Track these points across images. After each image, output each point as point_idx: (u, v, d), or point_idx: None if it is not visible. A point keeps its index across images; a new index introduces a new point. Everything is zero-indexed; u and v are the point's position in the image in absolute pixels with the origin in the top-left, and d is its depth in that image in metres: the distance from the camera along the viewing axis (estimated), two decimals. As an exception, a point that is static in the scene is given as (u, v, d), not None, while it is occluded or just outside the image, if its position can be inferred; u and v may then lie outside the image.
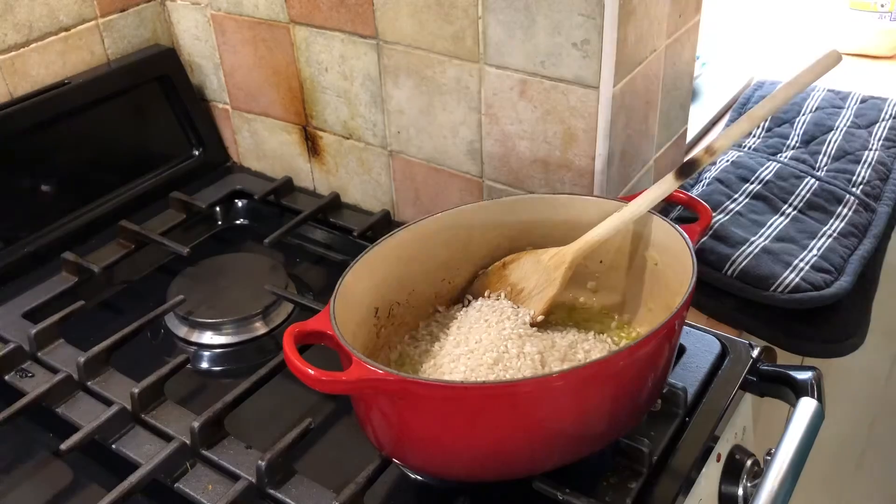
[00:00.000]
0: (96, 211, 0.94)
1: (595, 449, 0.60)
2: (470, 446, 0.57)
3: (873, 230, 0.90)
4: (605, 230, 0.67)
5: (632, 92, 0.77)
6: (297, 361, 0.53)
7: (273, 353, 0.75)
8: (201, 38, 1.01)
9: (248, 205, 1.01)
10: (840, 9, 1.29)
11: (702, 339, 0.74)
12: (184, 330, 0.82)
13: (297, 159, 1.02)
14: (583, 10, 0.70)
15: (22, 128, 0.89)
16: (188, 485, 0.64)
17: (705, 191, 0.93)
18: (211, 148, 1.06)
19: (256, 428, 0.70)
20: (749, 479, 0.70)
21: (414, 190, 0.92)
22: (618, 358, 0.56)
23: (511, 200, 0.73)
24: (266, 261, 0.90)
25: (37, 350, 0.76)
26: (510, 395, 0.54)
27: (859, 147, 1.01)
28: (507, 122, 0.80)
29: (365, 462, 0.62)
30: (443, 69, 0.82)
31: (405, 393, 0.54)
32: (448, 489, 0.63)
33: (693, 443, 0.65)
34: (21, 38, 0.90)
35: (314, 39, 0.90)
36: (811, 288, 0.80)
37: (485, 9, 0.75)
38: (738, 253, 0.83)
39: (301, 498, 0.61)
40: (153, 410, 0.69)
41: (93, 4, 0.96)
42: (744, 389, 0.72)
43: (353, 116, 0.92)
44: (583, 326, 0.71)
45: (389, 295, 0.69)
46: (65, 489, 0.67)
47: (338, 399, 0.72)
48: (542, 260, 0.69)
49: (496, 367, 0.61)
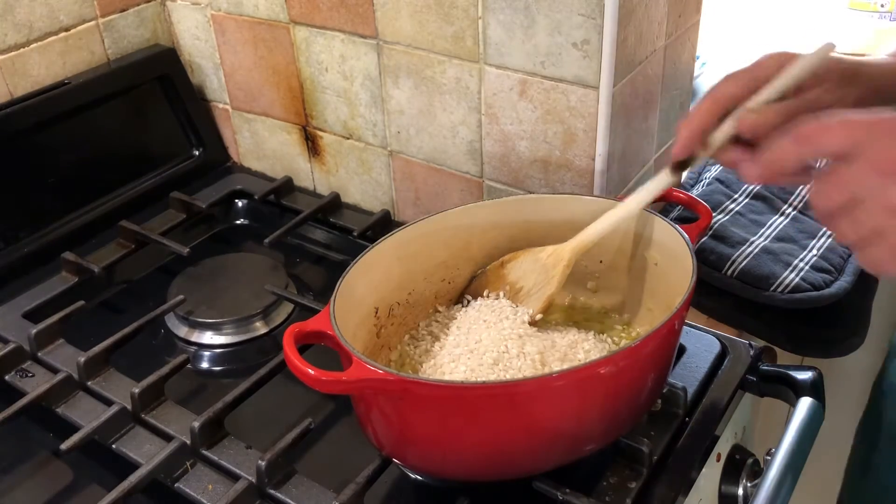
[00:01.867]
0: (96, 211, 0.94)
1: (595, 449, 0.60)
2: (470, 446, 0.57)
3: (873, 230, 0.90)
4: (603, 227, 0.67)
5: (632, 92, 0.77)
6: (297, 361, 0.53)
7: (273, 353, 0.75)
8: (201, 38, 1.01)
9: (248, 205, 1.01)
10: (839, 9, 1.29)
11: (702, 339, 0.74)
12: (184, 330, 0.82)
13: (297, 159, 1.02)
14: (583, 10, 0.70)
15: (22, 128, 0.89)
16: (188, 485, 0.64)
17: (705, 191, 0.93)
18: (211, 148, 1.06)
19: (256, 428, 0.70)
20: (749, 479, 0.70)
21: (414, 190, 0.92)
22: (618, 358, 0.56)
23: (511, 200, 0.73)
24: (266, 261, 0.90)
25: (37, 350, 0.76)
26: (510, 395, 0.54)
27: (859, 147, 1.00)
28: (507, 122, 0.80)
29: (365, 462, 0.62)
30: (443, 69, 0.82)
31: (405, 393, 0.54)
32: (448, 489, 0.63)
33: (693, 443, 0.65)
34: (21, 37, 0.90)
35: (314, 39, 0.90)
36: (811, 288, 0.80)
37: (485, 9, 0.75)
38: (738, 253, 0.83)
39: (301, 498, 0.61)
40: (153, 410, 0.69)
41: (93, 4, 0.96)
42: (744, 389, 0.72)
43: (353, 116, 0.92)
44: (583, 326, 0.71)
45: (389, 295, 0.69)
46: (65, 489, 0.67)
47: (338, 399, 0.72)
48: (540, 258, 0.69)
49: (496, 367, 0.61)
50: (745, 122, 0.56)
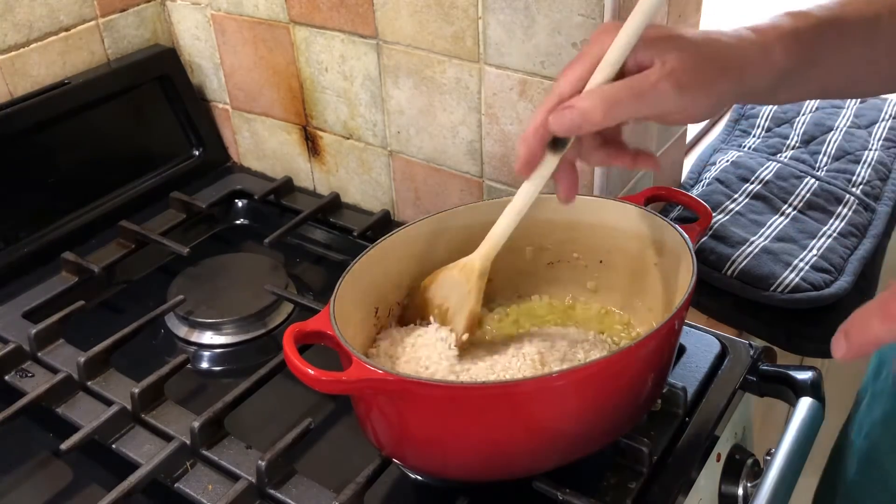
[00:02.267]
0: (96, 211, 0.94)
1: (595, 449, 0.60)
2: (470, 446, 0.57)
3: (873, 230, 0.90)
4: (505, 225, 0.63)
5: (632, 92, 0.77)
6: (297, 361, 0.53)
7: (273, 353, 0.75)
8: (201, 38, 1.01)
9: (248, 205, 1.01)
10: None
11: (702, 339, 0.74)
12: (184, 330, 0.82)
13: (297, 159, 1.02)
14: (583, 11, 0.70)
15: (22, 128, 0.89)
16: (188, 485, 0.64)
17: (705, 191, 0.93)
18: (211, 148, 1.06)
19: (256, 428, 0.70)
20: (749, 479, 0.70)
21: (414, 190, 0.92)
22: (618, 358, 0.56)
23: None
24: (266, 261, 0.90)
25: (37, 350, 0.76)
26: (510, 395, 0.54)
27: (859, 147, 1.01)
28: (507, 122, 0.80)
29: (365, 462, 0.62)
30: (443, 69, 0.82)
31: (405, 393, 0.54)
32: (448, 489, 0.63)
33: (693, 443, 0.65)
34: (21, 37, 0.90)
35: (314, 39, 0.90)
36: (811, 288, 0.80)
37: (485, 9, 0.75)
38: (738, 253, 0.84)
39: (301, 498, 0.61)
40: (153, 410, 0.69)
41: (93, 4, 0.96)
42: (744, 389, 0.72)
43: (353, 116, 0.92)
44: (583, 326, 0.71)
45: (389, 295, 0.69)
46: (65, 489, 0.67)
47: (338, 399, 0.72)
48: (453, 276, 0.65)
49: (496, 367, 0.62)
50: (556, 124, 0.54)
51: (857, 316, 0.43)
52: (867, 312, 0.43)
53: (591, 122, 0.53)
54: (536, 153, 0.58)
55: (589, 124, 0.54)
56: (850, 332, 0.43)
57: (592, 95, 0.54)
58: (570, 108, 0.54)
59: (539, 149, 0.57)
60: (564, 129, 0.55)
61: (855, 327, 0.43)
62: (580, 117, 0.53)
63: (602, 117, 0.53)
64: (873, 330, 0.42)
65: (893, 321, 0.42)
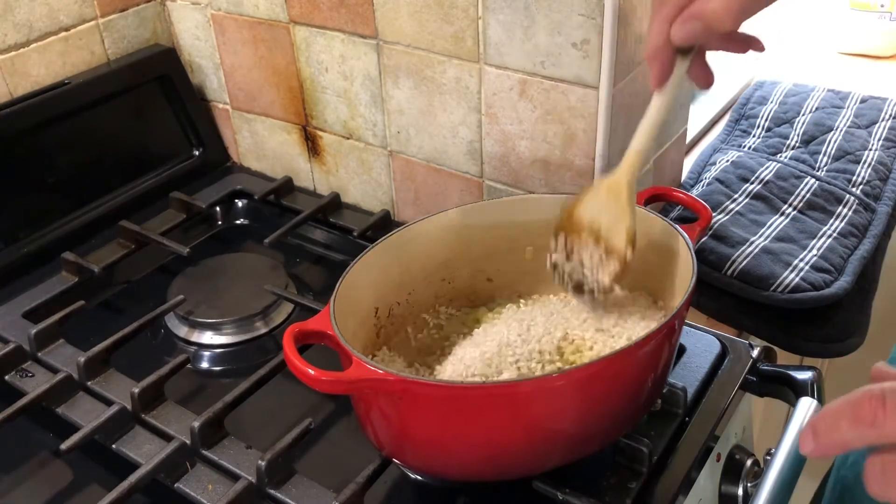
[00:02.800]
0: (96, 211, 0.94)
1: (595, 449, 0.60)
2: (470, 446, 0.57)
3: (873, 230, 0.90)
4: (644, 140, 0.62)
5: (632, 92, 0.77)
6: (297, 361, 0.53)
7: (273, 353, 0.75)
8: (201, 38, 1.01)
9: (248, 205, 1.01)
10: (840, 9, 1.29)
11: (702, 339, 0.74)
12: (184, 330, 0.82)
13: (297, 159, 1.02)
14: (583, 10, 0.70)
15: (22, 128, 0.89)
16: (188, 485, 0.64)
17: (705, 191, 0.93)
18: (211, 148, 1.06)
19: (256, 428, 0.70)
20: (749, 479, 0.70)
21: (414, 190, 0.92)
22: (618, 358, 0.56)
23: (511, 200, 0.73)
24: (266, 261, 0.90)
25: (37, 350, 0.76)
26: (510, 395, 0.54)
27: (859, 147, 1.01)
28: (507, 122, 0.80)
29: (365, 462, 0.62)
30: (443, 69, 0.82)
31: (405, 393, 0.54)
32: (448, 489, 0.63)
33: (693, 443, 0.65)
34: (21, 37, 0.90)
35: (314, 39, 0.90)
36: (811, 288, 0.80)
37: (485, 9, 0.75)
38: (738, 253, 0.83)
39: (301, 498, 0.61)
40: (153, 410, 0.69)
41: (93, 4, 0.96)
42: (744, 389, 0.72)
43: (353, 116, 0.92)
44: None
45: (389, 295, 0.69)
46: (65, 489, 0.67)
47: (338, 399, 0.72)
48: (600, 195, 0.64)
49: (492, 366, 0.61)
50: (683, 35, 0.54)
51: (826, 414, 0.40)
52: (837, 412, 0.39)
53: (722, 28, 0.52)
54: (668, 67, 0.57)
55: (719, 29, 0.52)
56: (818, 431, 0.40)
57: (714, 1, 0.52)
58: (695, 18, 0.52)
59: (671, 62, 0.57)
60: (692, 39, 0.54)
61: (823, 427, 0.40)
62: (710, 24, 0.52)
63: (732, 22, 0.52)
64: (841, 433, 0.39)
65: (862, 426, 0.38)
